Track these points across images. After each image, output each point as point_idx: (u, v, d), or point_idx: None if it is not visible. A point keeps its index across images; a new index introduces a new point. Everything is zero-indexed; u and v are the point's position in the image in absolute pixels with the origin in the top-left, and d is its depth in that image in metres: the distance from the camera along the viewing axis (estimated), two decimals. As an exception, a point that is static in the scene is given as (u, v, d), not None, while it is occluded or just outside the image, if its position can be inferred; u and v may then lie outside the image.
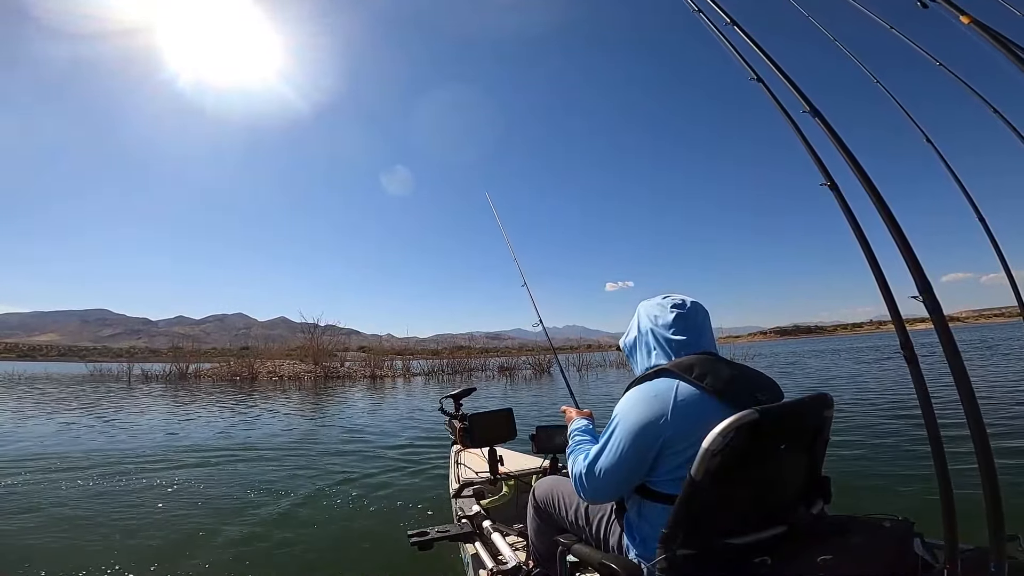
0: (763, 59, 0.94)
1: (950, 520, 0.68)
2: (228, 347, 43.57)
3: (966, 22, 0.93)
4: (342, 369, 23.25)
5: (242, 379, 20.93)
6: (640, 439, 1.12)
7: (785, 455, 1.08)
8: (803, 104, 0.85)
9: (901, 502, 3.48)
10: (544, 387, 15.22)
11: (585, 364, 23.72)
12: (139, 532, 3.24)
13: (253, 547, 2.99)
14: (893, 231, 0.70)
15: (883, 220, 0.70)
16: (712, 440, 0.99)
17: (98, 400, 12.58)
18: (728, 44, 1.11)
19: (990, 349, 17.92)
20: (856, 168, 0.76)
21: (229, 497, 4.04)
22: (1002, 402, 5.00)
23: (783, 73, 0.89)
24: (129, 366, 24.41)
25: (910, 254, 0.69)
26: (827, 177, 0.86)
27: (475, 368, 23.50)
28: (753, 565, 1.00)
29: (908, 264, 0.68)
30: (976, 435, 0.64)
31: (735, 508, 1.05)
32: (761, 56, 0.94)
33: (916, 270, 0.68)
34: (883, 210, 0.71)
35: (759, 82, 1.02)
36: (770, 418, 1.01)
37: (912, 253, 0.69)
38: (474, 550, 1.79)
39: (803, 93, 0.86)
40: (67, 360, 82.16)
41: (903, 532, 0.98)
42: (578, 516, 1.44)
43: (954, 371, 0.68)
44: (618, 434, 1.16)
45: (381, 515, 3.59)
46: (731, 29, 1.07)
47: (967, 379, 0.67)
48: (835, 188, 0.85)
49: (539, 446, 2.23)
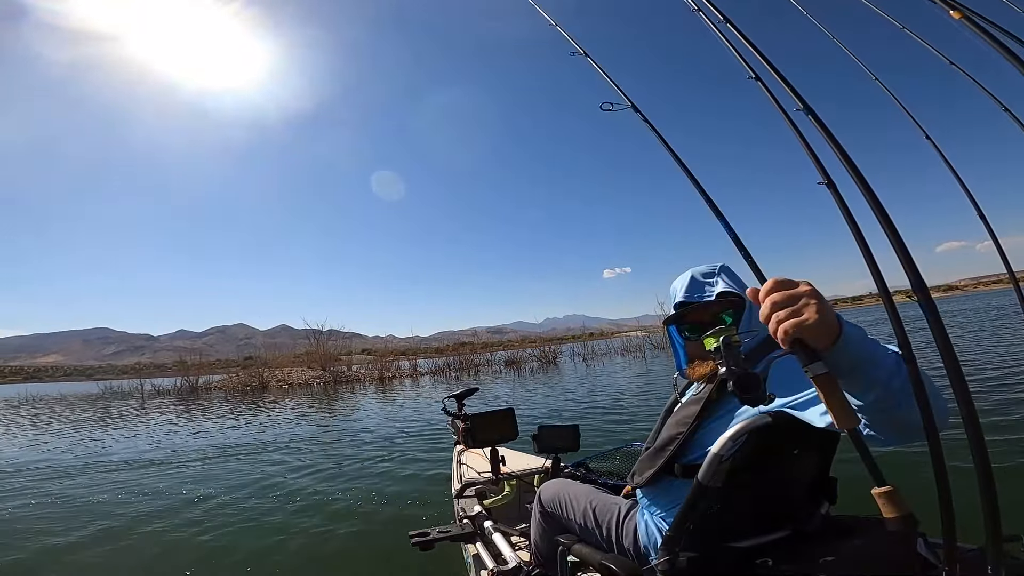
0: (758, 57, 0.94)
1: (948, 520, 0.67)
2: (231, 358, 43.61)
3: (956, 17, 0.93)
4: (349, 373, 23.30)
5: (253, 389, 20.90)
6: None
7: (796, 459, 1.07)
8: (797, 102, 0.85)
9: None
10: (552, 378, 15.12)
11: (591, 353, 23.73)
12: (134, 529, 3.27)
13: (254, 547, 3.01)
14: (887, 229, 0.69)
15: (877, 219, 0.70)
16: (722, 445, 0.99)
17: (117, 416, 12.65)
18: (726, 42, 1.12)
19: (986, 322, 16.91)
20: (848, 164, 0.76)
21: (232, 498, 4.07)
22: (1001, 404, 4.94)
23: (777, 72, 0.88)
24: (141, 382, 24.20)
25: (904, 252, 0.69)
26: (824, 175, 0.86)
27: (481, 364, 23.56)
28: (755, 567, 1.00)
29: (903, 262, 0.68)
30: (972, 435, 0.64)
31: (741, 511, 1.04)
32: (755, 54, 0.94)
33: (911, 268, 0.68)
34: (877, 208, 0.70)
35: (756, 80, 1.02)
36: (784, 422, 1.00)
37: (906, 251, 0.69)
38: (475, 550, 1.79)
39: (796, 91, 0.86)
40: (74, 380, 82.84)
41: (907, 533, 0.98)
42: (587, 519, 1.42)
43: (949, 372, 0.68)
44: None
45: (382, 515, 3.60)
46: (726, 27, 1.07)
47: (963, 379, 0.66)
48: (832, 186, 0.85)
49: (541, 446, 2.23)
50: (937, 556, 0.95)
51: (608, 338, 35.19)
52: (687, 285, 1.25)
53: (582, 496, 1.47)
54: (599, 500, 1.42)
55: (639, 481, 1.22)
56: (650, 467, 1.19)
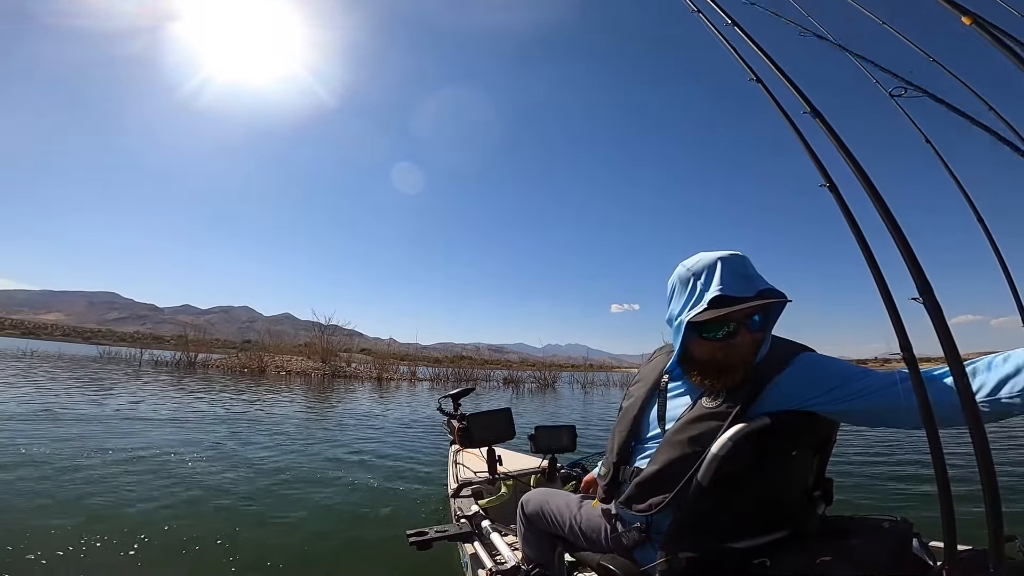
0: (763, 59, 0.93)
1: (949, 521, 0.68)
2: (231, 339, 43.39)
3: (967, 23, 0.93)
4: (348, 369, 23.58)
5: (251, 371, 21.16)
6: None
7: (795, 460, 1.06)
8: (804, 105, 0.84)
9: (900, 503, 3.49)
10: (548, 401, 15.35)
11: (589, 382, 24.85)
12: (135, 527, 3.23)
13: (249, 545, 2.98)
14: (892, 229, 0.69)
15: (882, 218, 0.69)
16: (721, 445, 0.99)
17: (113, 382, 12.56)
18: (728, 45, 1.10)
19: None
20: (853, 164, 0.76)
21: (226, 493, 4.02)
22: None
23: (784, 74, 0.88)
24: (141, 352, 25.12)
25: (909, 254, 0.69)
26: (826, 178, 0.86)
27: (480, 379, 23.96)
28: (752, 567, 1.00)
29: (908, 264, 0.68)
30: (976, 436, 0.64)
31: (739, 512, 1.04)
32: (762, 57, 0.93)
33: (916, 270, 0.68)
34: (881, 208, 0.70)
35: (758, 83, 1.01)
36: (783, 423, 1.00)
37: (912, 252, 0.69)
38: (473, 550, 1.79)
39: (804, 94, 0.85)
40: (71, 340, 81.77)
41: (902, 533, 0.98)
42: (573, 533, 1.37)
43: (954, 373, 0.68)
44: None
45: (379, 515, 3.59)
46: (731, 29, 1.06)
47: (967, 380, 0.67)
48: (835, 189, 0.85)
49: (538, 446, 2.23)
50: (933, 557, 0.95)
51: (608, 371, 35.47)
52: (721, 275, 1.06)
53: (565, 510, 1.41)
54: (584, 516, 1.36)
55: (645, 509, 1.10)
56: (661, 494, 1.07)
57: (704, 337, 1.08)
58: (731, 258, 1.08)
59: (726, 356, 1.06)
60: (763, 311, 1.07)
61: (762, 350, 1.07)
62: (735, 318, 1.04)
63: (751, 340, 1.05)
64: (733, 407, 1.02)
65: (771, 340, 1.10)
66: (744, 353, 1.05)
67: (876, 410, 0.93)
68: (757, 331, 1.06)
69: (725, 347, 1.06)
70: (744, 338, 1.05)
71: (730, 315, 1.02)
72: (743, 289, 1.05)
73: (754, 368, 1.05)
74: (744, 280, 1.06)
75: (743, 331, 1.05)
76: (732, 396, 1.04)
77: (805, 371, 1.02)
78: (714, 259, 1.08)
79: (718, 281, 1.05)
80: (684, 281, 1.12)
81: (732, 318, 1.04)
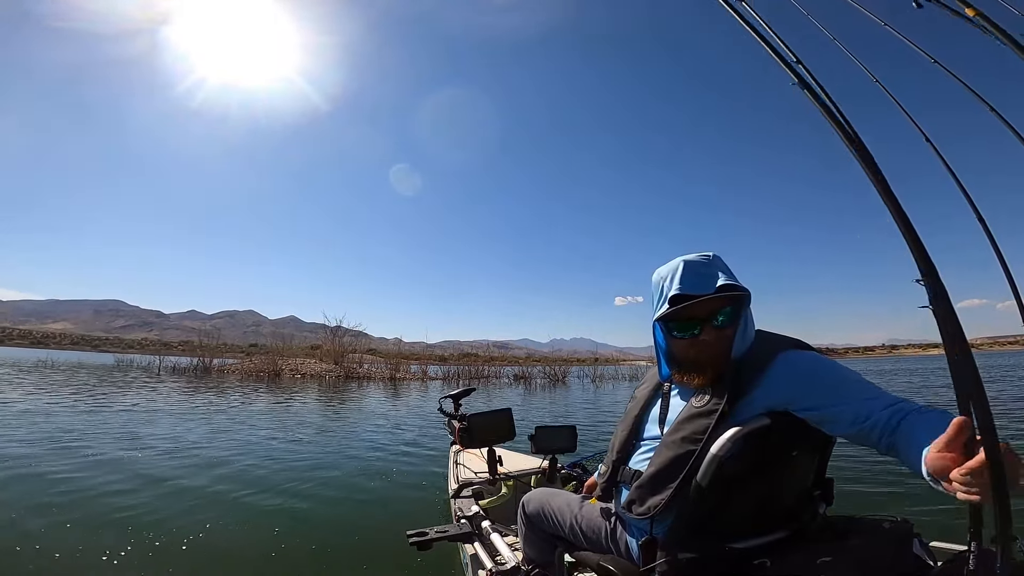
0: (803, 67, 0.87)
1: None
2: (237, 343, 43.93)
3: (971, 14, 0.90)
4: (361, 370, 24.02)
5: (267, 375, 21.74)
6: None
7: (795, 460, 1.05)
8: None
9: (900, 503, 3.42)
10: (558, 395, 15.35)
11: (599, 376, 24.96)
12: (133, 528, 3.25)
13: (250, 545, 2.99)
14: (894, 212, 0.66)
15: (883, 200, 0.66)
16: (720, 446, 0.99)
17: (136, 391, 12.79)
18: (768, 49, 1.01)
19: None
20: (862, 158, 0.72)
21: (229, 494, 4.03)
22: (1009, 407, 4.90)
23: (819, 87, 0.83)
24: (160, 359, 26.07)
25: (912, 235, 0.66)
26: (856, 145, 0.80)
27: (490, 375, 24.44)
28: (752, 567, 0.99)
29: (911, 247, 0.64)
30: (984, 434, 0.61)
31: (739, 512, 1.03)
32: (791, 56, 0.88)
33: (918, 251, 0.64)
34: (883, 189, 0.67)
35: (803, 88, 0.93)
36: (782, 424, 1.00)
37: (915, 233, 0.66)
38: (473, 550, 1.77)
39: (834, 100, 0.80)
40: (80, 349, 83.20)
41: (902, 533, 0.96)
42: (574, 533, 1.38)
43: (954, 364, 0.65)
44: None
45: (380, 515, 3.59)
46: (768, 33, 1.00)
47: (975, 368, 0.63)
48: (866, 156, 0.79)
49: (538, 446, 2.20)
50: (933, 557, 0.93)
51: (616, 364, 35.47)
52: (681, 275, 1.12)
53: (566, 510, 1.42)
54: (585, 516, 1.36)
55: (644, 512, 1.10)
56: (658, 496, 1.08)
57: (675, 336, 1.15)
58: (695, 259, 1.14)
59: (698, 353, 1.11)
60: (730, 307, 1.10)
61: (738, 346, 1.11)
62: (697, 315, 1.10)
63: (718, 336, 1.10)
64: (719, 404, 1.05)
65: (756, 335, 1.14)
66: (714, 349, 1.10)
67: (857, 440, 0.96)
68: (723, 327, 1.10)
69: (696, 343, 1.11)
70: (710, 335, 1.10)
71: (689, 311, 1.09)
72: (701, 287, 1.09)
73: (735, 363, 1.08)
74: (703, 278, 1.11)
75: (707, 328, 1.10)
76: (717, 393, 1.08)
77: (788, 372, 1.03)
78: (679, 262, 1.15)
79: (678, 281, 1.11)
80: (656, 285, 1.20)
81: (694, 315, 1.10)
